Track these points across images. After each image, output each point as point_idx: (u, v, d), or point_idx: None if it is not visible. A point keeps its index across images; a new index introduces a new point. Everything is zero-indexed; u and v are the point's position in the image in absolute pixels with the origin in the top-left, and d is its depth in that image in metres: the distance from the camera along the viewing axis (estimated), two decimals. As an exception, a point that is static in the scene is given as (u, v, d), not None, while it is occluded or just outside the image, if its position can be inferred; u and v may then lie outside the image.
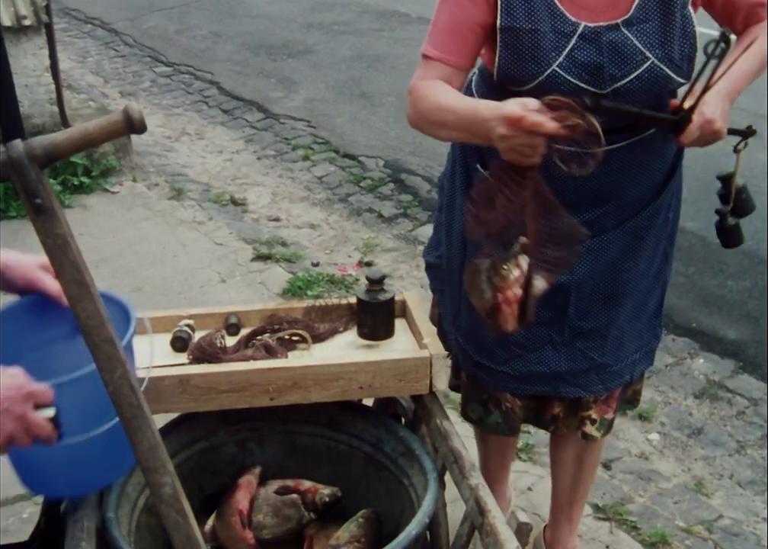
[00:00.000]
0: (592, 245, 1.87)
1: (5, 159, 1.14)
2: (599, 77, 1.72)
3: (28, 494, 2.58)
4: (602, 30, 1.71)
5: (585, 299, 1.91)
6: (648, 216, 1.91)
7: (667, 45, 1.72)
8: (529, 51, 1.72)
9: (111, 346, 1.20)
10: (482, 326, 1.87)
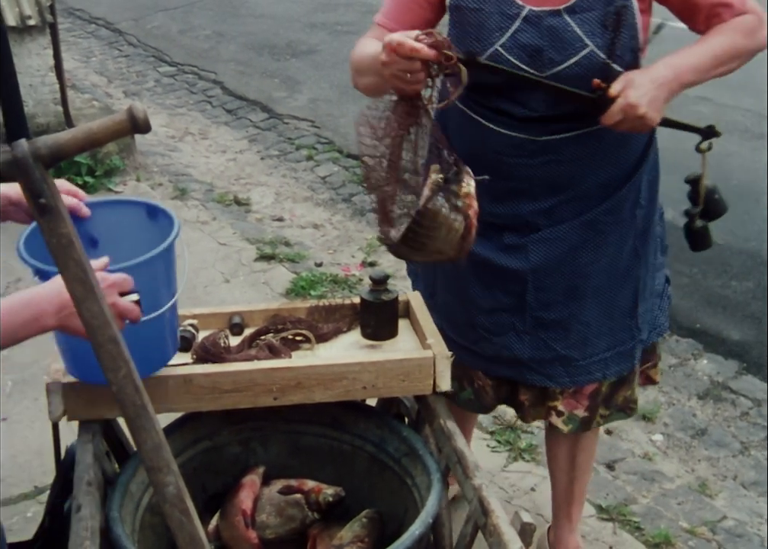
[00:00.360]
0: (548, 235, 1.92)
1: (10, 159, 1.14)
2: (538, 60, 1.78)
3: (32, 493, 2.59)
4: (544, 14, 1.76)
5: (545, 290, 1.95)
6: (608, 210, 1.93)
7: (606, 35, 1.76)
8: (475, 30, 1.80)
9: (115, 345, 1.20)
10: (456, 305, 2.04)
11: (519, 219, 1.93)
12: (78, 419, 1.69)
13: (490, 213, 1.87)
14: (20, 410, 2.94)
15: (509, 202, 1.92)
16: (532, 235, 1.93)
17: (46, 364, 3.16)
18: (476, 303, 2.02)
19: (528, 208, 1.91)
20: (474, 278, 2.01)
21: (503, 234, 1.94)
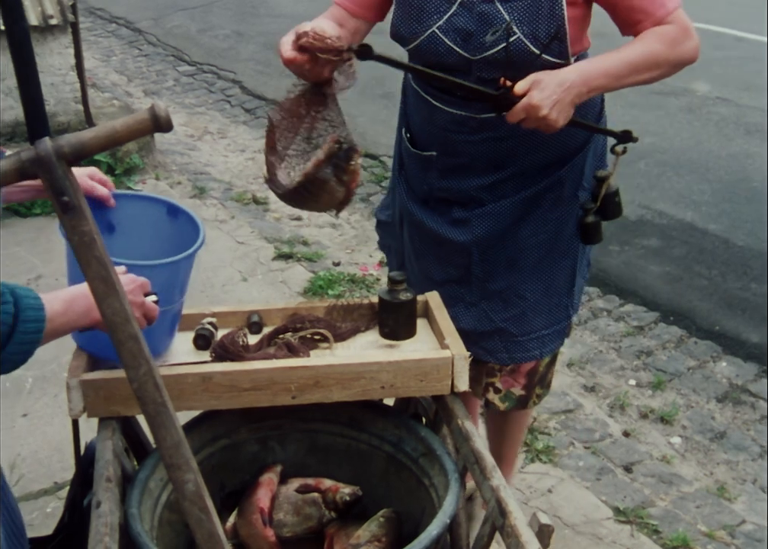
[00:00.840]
0: (491, 209, 2.04)
1: (34, 156, 1.15)
2: (470, 43, 1.87)
3: (52, 489, 2.61)
4: (477, 1, 1.85)
5: (488, 261, 2.06)
6: (548, 187, 2.03)
7: (534, 23, 1.84)
8: (415, 12, 1.91)
9: (136, 343, 1.21)
10: (419, 279, 2.18)
11: (465, 194, 2.05)
12: (97, 416, 1.70)
13: (439, 188, 2.08)
14: (40, 406, 2.96)
15: (455, 177, 2.03)
16: (477, 209, 2.05)
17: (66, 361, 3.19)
18: (430, 275, 2.16)
19: (472, 183, 2.02)
20: (426, 252, 2.16)
21: (452, 209, 2.08)
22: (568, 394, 3.23)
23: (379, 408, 1.91)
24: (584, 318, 3.81)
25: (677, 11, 1.87)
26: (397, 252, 2.31)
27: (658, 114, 6.10)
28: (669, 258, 4.30)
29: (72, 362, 1.73)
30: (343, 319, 1.97)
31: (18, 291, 1.25)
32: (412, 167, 2.17)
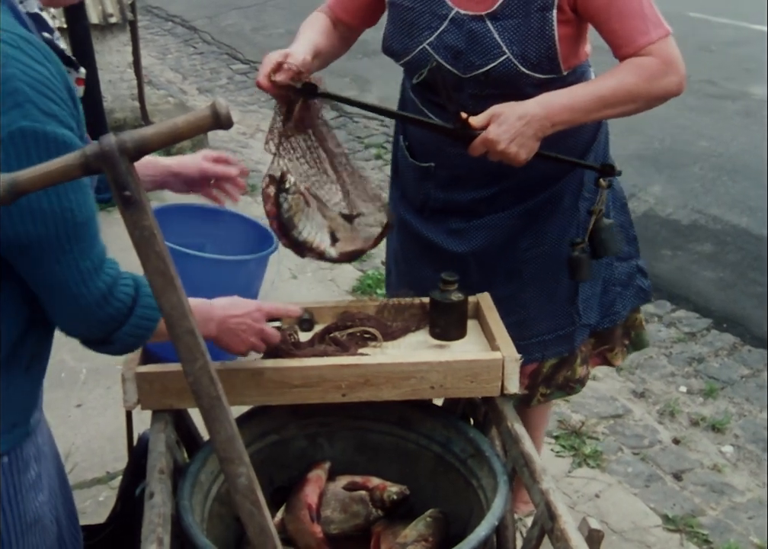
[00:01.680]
0: (489, 221, 2.05)
1: (98, 152, 1.17)
2: (460, 61, 1.87)
3: (104, 478, 2.66)
4: (467, 18, 1.84)
5: (488, 271, 2.05)
6: (547, 200, 2.02)
7: (523, 43, 1.82)
8: (407, 27, 1.90)
9: (192, 337, 1.22)
10: (409, 284, 2.15)
11: (462, 205, 2.05)
12: (151, 408, 1.72)
13: (437, 198, 2.08)
14: (93, 397, 3.02)
15: (453, 189, 2.04)
16: (474, 221, 2.06)
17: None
18: (425, 281, 2.09)
19: (470, 196, 2.02)
20: (424, 260, 2.15)
21: (448, 219, 2.08)
22: (617, 399, 3.20)
23: (428, 408, 1.91)
24: (635, 322, 3.76)
25: (662, 42, 1.81)
26: (387, 256, 2.32)
27: (714, 118, 6.00)
28: (723, 264, 4.23)
29: (127, 355, 1.75)
30: (393, 319, 1.97)
31: (140, 279, 1.34)
32: (409, 176, 2.17)
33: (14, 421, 1.37)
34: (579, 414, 3.09)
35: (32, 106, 1.17)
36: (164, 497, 1.49)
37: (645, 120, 6.03)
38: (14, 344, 1.32)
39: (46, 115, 1.18)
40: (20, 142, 1.17)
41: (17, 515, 1.37)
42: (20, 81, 1.16)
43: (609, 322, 2.21)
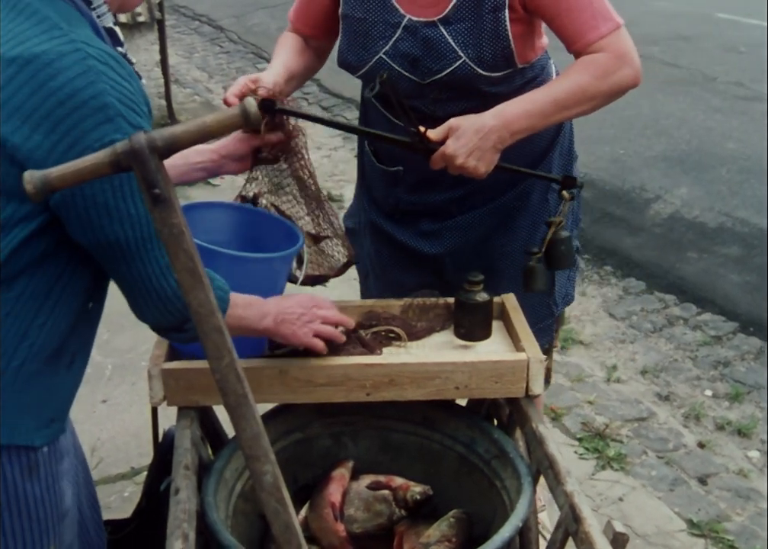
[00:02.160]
0: (461, 221, 2.05)
1: (128, 149, 1.17)
2: (417, 68, 1.87)
3: (129, 474, 2.68)
4: (420, 25, 1.84)
5: (463, 269, 1.99)
6: (517, 196, 2.03)
7: (478, 46, 1.81)
8: (361, 38, 1.90)
9: (220, 335, 1.22)
10: (384, 287, 2.21)
11: (433, 206, 2.05)
12: (177, 405, 1.73)
13: (407, 201, 2.08)
14: (119, 393, 3.04)
15: (423, 191, 2.03)
16: (446, 222, 2.06)
17: (144, 350, 3.27)
18: (401, 284, 2.14)
19: (440, 197, 2.01)
20: (395, 263, 2.16)
21: (419, 221, 2.08)
22: (641, 402, 3.18)
23: (452, 408, 1.91)
24: (660, 325, 3.74)
25: (613, 35, 1.79)
26: (362, 259, 2.29)
27: (742, 120, 5.95)
28: (749, 267, 4.19)
29: (153, 351, 1.76)
30: (418, 318, 1.97)
31: (208, 271, 1.37)
32: (377, 181, 2.17)
33: (52, 416, 1.40)
34: (603, 416, 3.08)
35: (122, 120, 1.24)
36: (190, 493, 1.50)
37: (672, 121, 6.00)
38: (63, 338, 1.36)
39: (134, 128, 1.25)
40: None
41: (55, 503, 1.40)
42: (110, 96, 1.23)
43: (565, 304, 2.24)
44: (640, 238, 4.56)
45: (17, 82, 1.21)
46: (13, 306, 1.29)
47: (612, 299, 3.99)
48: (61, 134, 1.22)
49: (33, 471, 1.35)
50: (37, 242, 1.29)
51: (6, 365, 1.30)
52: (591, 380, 3.33)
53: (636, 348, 3.57)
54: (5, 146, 1.22)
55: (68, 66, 1.22)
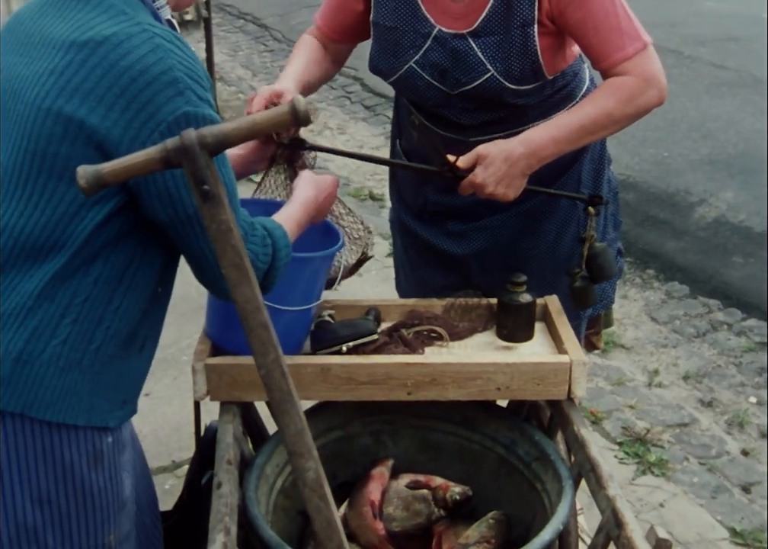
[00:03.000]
0: (488, 223, 2.05)
1: (179, 146, 1.19)
2: (446, 79, 1.88)
3: (170, 467, 2.71)
4: (449, 36, 1.84)
5: (489, 272, 2.05)
6: (545, 200, 2.03)
7: (506, 60, 1.81)
8: (392, 46, 1.91)
9: (265, 331, 1.23)
10: (413, 285, 2.24)
11: (460, 208, 2.05)
12: (219, 400, 1.75)
13: (435, 202, 2.08)
14: (161, 387, 3.07)
15: (451, 193, 1.99)
16: (474, 223, 2.06)
17: (186, 345, 3.30)
18: (428, 283, 2.17)
19: (468, 199, 1.99)
20: (423, 261, 2.18)
21: (447, 222, 2.09)
22: (684, 408, 3.14)
23: (493, 409, 1.90)
24: (703, 330, 3.69)
25: (640, 56, 1.79)
26: (395, 255, 2.35)
27: (792, 122, 5.84)
28: (797, 272, 4.11)
29: (197, 346, 1.78)
30: (460, 319, 1.97)
31: (267, 224, 1.47)
32: (406, 181, 2.18)
33: (124, 398, 1.46)
34: (644, 421, 3.04)
35: (191, 93, 1.31)
36: (232, 488, 1.52)
37: (719, 124, 5.91)
38: (136, 322, 1.42)
39: (202, 100, 1.33)
40: (184, 125, 1.27)
41: (115, 493, 1.45)
42: (178, 71, 1.30)
43: (602, 307, 2.23)
44: (684, 241, 4.50)
45: (90, 64, 1.28)
46: (90, 290, 1.34)
47: (655, 303, 3.94)
48: (136, 110, 1.28)
49: (98, 461, 1.40)
50: (113, 224, 1.34)
51: (85, 349, 1.36)
52: (632, 385, 3.29)
53: (679, 353, 3.53)
54: (83, 128, 1.28)
55: (137, 45, 1.28)
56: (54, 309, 1.33)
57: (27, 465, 1.35)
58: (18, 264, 1.33)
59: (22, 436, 1.34)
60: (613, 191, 2.20)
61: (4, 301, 1.33)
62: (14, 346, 1.32)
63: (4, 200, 1.33)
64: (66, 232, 1.32)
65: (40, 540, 1.39)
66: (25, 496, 1.36)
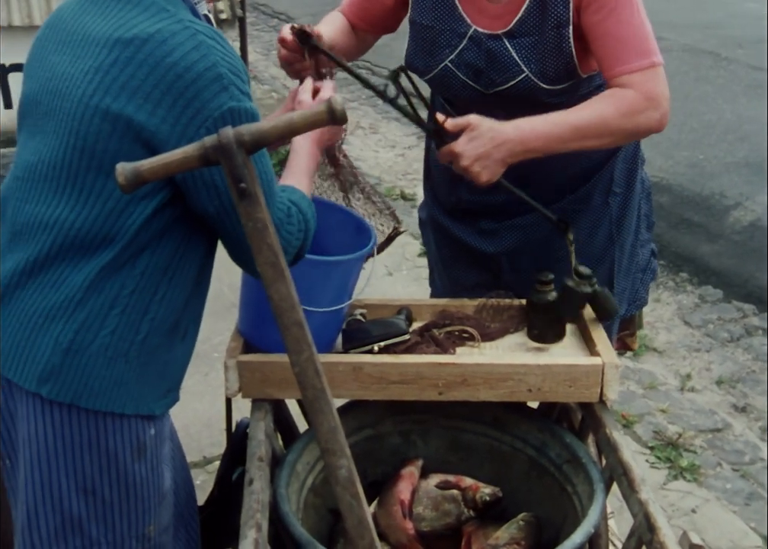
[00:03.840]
0: (520, 222, 2.04)
1: (216, 144, 1.20)
2: (481, 79, 1.87)
3: (201, 462, 2.73)
4: (485, 37, 1.84)
5: (520, 271, 2.03)
6: (577, 200, 2.01)
7: (541, 61, 1.80)
8: (428, 45, 1.90)
9: (300, 329, 1.24)
10: (446, 283, 2.22)
11: (492, 206, 2.04)
12: (251, 397, 1.76)
13: (468, 200, 2.07)
14: (192, 383, 3.08)
15: (483, 191, 1.97)
16: (505, 221, 2.05)
17: (218, 342, 3.32)
18: (460, 281, 2.17)
19: (500, 198, 1.99)
20: (455, 259, 2.17)
21: (479, 220, 2.08)
22: (717, 413, 3.10)
23: (524, 410, 1.89)
24: (737, 335, 3.65)
25: (644, 73, 1.75)
26: (429, 253, 2.35)
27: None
28: (835, 277, 4.05)
29: (229, 343, 1.79)
30: (492, 319, 1.96)
31: (293, 198, 1.50)
32: (439, 178, 2.17)
33: (169, 386, 1.52)
34: (676, 425, 3.02)
35: (234, 88, 1.34)
36: (263, 484, 1.52)
37: (755, 126, 5.83)
38: (179, 312, 1.46)
39: (243, 94, 1.36)
40: (229, 120, 1.32)
41: (157, 485, 1.49)
42: (222, 67, 1.33)
43: (636, 307, 2.22)
44: (718, 245, 4.45)
45: (136, 62, 1.31)
46: (137, 282, 1.39)
47: (688, 306, 3.90)
48: (182, 106, 1.31)
49: (141, 453, 1.44)
50: (159, 218, 1.37)
51: (132, 339, 1.40)
52: (664, 388, 3.26)
53: (712, 358, 3.49)
54: (131, 125, 1.31)
55: (181, 42, 1.31)
56: (102, 301, 1.37)
57: (73, 455, 1.39)
58: (68, 258, 1.37)
59: (69, 426, 1.38)
60: (646, 191, 2.18)
61: (54, 294, 1.37)
62: (64, 337, 1.36)
63: (55, 197, 1.37)
64: (115, 228, 1.35)
65: (84, 530, 1.43)
66: (71, 486, 1.40)
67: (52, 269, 1.37)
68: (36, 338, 1.37)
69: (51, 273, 1.38)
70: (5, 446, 1.48)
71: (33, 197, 1.39)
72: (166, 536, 1.55)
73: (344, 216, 1.92)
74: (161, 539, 1.53)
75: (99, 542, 1.44)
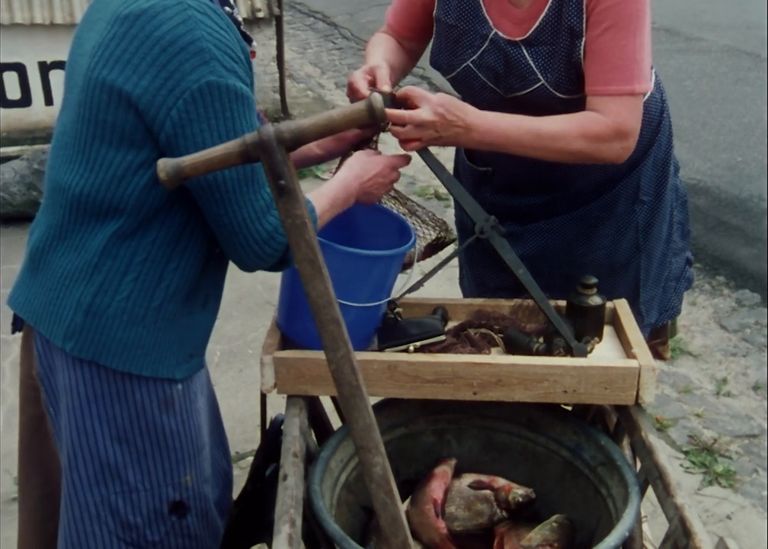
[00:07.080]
0: (544, 226, 2.05)
1: (257, 141, 1.20)
2: (500, 83, 1.88)
3: (234, 458, 2.74)
4: (504, 42, 1.84)
5: (543, 275, 1.97)
6: (601, 206, 2.00)
7: (557, 71, 1.79)
8: (452, 44, 1.91)
9: (337, 326, 1.24)
10: (473, 286, 2.24)
11: (517, 209, 2.06)
12: (286, 393, 1.77)
13: (492, 202, 2.06)
14: (226, 379, 3.12)
15: (508, 194, 2.04)
16: (529, 225, 2.06)
17: (252, 339, 3.34)
18: (484, 282, 2.18)
19: (526, 201, 2.01)
20: (480, 261, 2.18)
21: (503, 222, 2.03)
22: (753, 418, 3.06)
23: (558, 411, 1.88)
24: (774, 340, 3.60)
25: (620, 100, 1.75)
26: (460, 259, 2.35)
27: None
28: None
29: (266, 340, 1.80)
30: (528, 320, 1.95)
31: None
32: (466, 179, 2.16)
33: (191, 352, 1.57)
34: (711, 430, 2.98)
35: (217, 63, 1.37)
36: (297, 480, 1.53)
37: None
38: (195, 281, 1.52)
39: (228, 71, 1.38)
40: (206, 94, 1.37)
41: (190, 437, 1.57)
42: (206, 41, 1.36)
43: (668, 317, 2.21)
44: (756, 248, 4.39)
45: (129, 36, 1.38)
46: (149, 251, 1.46)
47: (724, 310, 3.85)
48: (164, 78, 1.36)
49: (169, 405, 1.52)
50: (157, 190, 1.43)
51: (147, 306, 1.48)
52: (699, 393, 3.23)
53: (748, 362, 3.44)
54: (122, 95, 1.38)
55: (170, 17, 1.36)
56: (117, 266, 1.45)
57: (104, 405, 1.49)
58: (85, 223, 1.46)
59: (98, 380, 1.48)
60: (681, 200, 2.16)
61: (76, 257, 1.47)
62: (84, 299, 1.46)
63: (71, 165, 1.46)
64: (117, 195, 1.43)
65: (122, 475, 1.52)
66: (105, 434, 1.49)
67: (74, 234, 1.47)
68: (63, 297, 1.48)
69: (73, 237, 1.47)
70: (48, 396, 1.58)
71: (57, 164, 1.50)
72: (207, 486, 1.63)
73: (387, 218, 1.93)
74: (201, 489, 1.61)
75: (137, 488, 1.53)
